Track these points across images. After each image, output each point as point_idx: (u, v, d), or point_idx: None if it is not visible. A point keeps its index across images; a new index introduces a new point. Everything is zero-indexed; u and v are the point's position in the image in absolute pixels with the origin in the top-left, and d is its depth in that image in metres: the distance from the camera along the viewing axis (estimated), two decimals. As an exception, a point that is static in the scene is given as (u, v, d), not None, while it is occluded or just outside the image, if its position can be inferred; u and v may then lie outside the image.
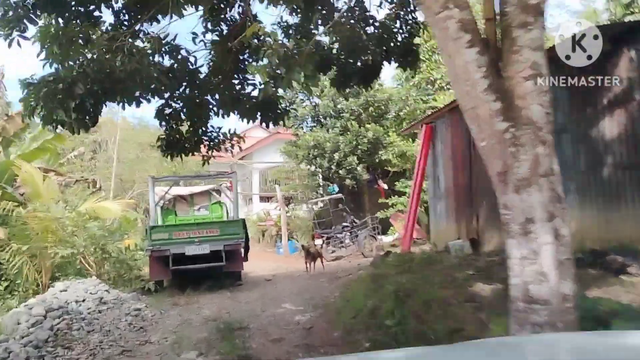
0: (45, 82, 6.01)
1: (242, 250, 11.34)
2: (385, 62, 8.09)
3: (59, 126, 6.47)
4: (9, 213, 10.78)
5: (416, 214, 10.45)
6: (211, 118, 8.37)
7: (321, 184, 18.91)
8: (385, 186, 18.60)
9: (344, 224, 17.41)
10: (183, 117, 8.20)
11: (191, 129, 8.38)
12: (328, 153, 17.95)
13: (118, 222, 11.49)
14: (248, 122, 8.29)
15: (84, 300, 8.49)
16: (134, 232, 14.71)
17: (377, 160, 18.16)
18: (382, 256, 9.49)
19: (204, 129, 8.46)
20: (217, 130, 8.39)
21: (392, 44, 7.96)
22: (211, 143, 8.86)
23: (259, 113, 7.89)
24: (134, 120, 32.33)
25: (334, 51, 7.96)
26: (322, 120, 18.89)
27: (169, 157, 8.82)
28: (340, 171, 17.88)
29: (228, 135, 8.38)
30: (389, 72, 19.54)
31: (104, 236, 10.14)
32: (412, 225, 10.30)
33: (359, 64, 7.94)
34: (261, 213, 23.32)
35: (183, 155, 8.79)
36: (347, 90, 11.30)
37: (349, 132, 17.97)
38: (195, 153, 8.97)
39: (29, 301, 8.44)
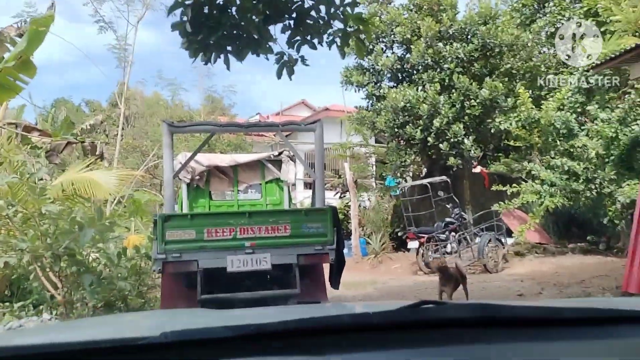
0: None
1: (331, 266, 6.28)
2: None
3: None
4: None
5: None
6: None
7: (410, 162, 13.58)
8: (480, 169, 13.32)
9: (447, 219, 12.20)
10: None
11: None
12: (423, 119, 12.68)
13: (101, 205, 6.55)
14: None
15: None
16: (148, 223, 9.87)
17: (490, 130, 12.80)
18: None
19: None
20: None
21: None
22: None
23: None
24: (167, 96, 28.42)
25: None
26: (413, 74, 13.56)
27: (194, 53, 4.02)
28: (441, 145, 12.58)
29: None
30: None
31: (70, 232, 5.15)
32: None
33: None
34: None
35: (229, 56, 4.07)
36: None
37: (454, 90, 12.65)
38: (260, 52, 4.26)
39: None
